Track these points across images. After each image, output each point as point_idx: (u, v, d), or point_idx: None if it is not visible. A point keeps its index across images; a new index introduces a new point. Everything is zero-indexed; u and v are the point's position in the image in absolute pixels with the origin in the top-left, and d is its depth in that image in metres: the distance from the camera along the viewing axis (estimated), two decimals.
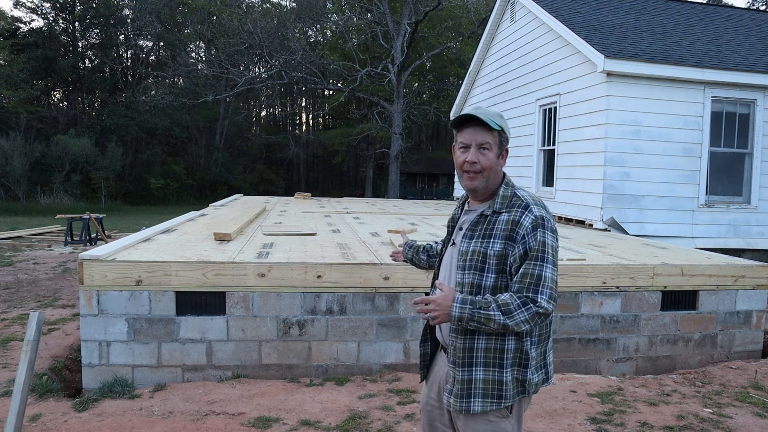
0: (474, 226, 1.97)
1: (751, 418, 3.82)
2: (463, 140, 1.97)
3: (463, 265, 1.94)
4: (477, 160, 1.93)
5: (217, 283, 4.32)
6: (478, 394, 1.90)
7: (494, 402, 1.90)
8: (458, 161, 1.99)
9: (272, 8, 37.93)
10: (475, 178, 1.95)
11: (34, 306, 6.49)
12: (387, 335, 4.56)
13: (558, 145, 9.38)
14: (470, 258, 1.92)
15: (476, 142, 1.94)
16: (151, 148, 34.95)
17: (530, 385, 1.93)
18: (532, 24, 10.40)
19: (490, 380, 1.90)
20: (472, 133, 1.95)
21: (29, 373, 3.14)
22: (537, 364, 1.95)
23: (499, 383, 1.89)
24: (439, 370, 2.14)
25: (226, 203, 11.07)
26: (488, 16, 13.11)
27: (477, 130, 1.95)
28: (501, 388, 1.89)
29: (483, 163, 1.93)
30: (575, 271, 4.80)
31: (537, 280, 1.82)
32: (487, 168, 1.94)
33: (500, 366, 1.89)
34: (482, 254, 1.90)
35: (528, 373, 1.92)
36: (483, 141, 1.94)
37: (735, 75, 8.17)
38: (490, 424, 1.93)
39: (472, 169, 1.95)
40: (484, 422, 1.93)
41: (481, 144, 1.94)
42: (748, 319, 5.23)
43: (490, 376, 1.89)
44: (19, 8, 34.13)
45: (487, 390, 1.90)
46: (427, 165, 37.28)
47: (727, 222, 8.45)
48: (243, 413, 3.71)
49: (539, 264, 1.83)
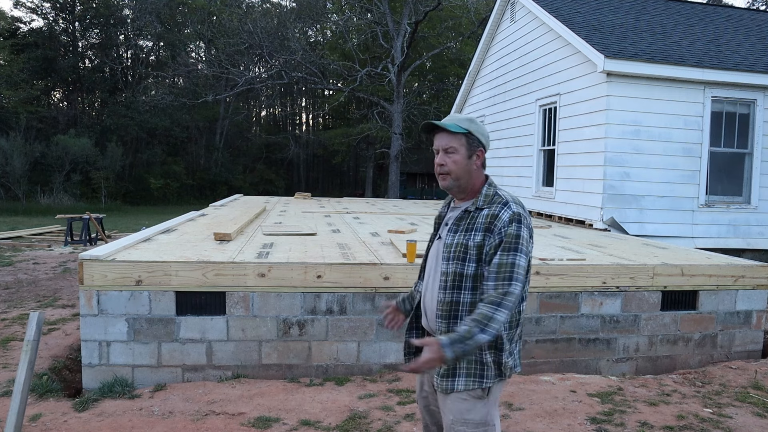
0: (458, 222, 2.15)
1: (751, 418, 3.82)
2: (434, 146, 2.18)
3: (448, 256, 2.12)
4: (444, 163, 2.14)
5: (217, 283, 4.32)
6: (461, 374, 2.08)
7: (476, 381, 2.08)
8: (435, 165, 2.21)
9: (272, 8, 37.91)
10: (445, 179, 2.16)
11: (34, 306, 6.49)
12: (387, 335, 4.56)
13: (558, 145, 9.38)
14: (454, 249, 2.11)
15: (442, 146, 2.14)
16: (151, 148, 34.93)
17: (506, 368, 2.11)
18: (532, 24, 10.40)
19: (473, 361, 2.08)
20: (438, 139, 2.16)
21: (29, 373, 3.14)
22: (509, 349, 2.12)
23: (480, 364, 2.08)
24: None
25: (226, 203, 11.07)
26: (488, 16, 13.11)
27: (441, 135, 2.15)
28: (482, 368, 2.08)
29: (449, 165, 2.13)
30: (575, 271, 4.80)
31: (510, 267, 2.00)
32: (453, 170, 2.13)
33: (480, 349, 2.05)
34: (464, 245, 2.08)
35: (503, 356, 2.10)
36: (447, 145, 2.13)
37: (735, 75, 8.16)
38: (465, 402, 2.09)
39: (440, 171, 2.16)
40: (459, 401, 2.09)
41: (446, 148, 2.13)
42: (748, 319, 5.23)
43: (472, 358, 2.07)
44: (19, 8, 34.13)
45: (470, 370, 2.08)
46: (427, 165, 37.22)
47: (727, 222, 8.44)
48: (243, 413, 3.71)
49: (512, 254, 2.01)
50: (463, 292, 2.08)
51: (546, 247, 5.79)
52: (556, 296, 4.79)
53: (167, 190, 33.58)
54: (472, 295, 2.07)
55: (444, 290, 2.11)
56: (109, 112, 33.40)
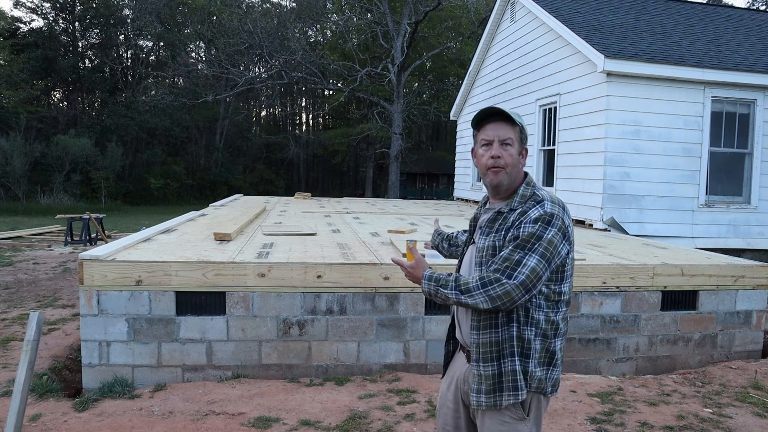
0: (491, 223, 1.96)
1: (751, 418, 3.82)
2: (485, 137, 1.94)
3: (480, 261, 1.94)
4: (501, 155, 1.91)
5: (217, 283, 4.32)
6: (505, 388, 1.88)
7: (511, 395, 1.87)
8: (482, 159, 1.96)
9: (272, 8, 37.90)
10: (499, 173, 1.92)
11: (34, 306, 6.49)
12: (387, 335, 4.56)
13: (558, 145, 9.38)
14: (485, 254, 1.92)
15: (499, 137, 1.92)
16: (151, 148, 34.93)
17: (532, 379, 1.88)
18: (532, 24, 10.40)
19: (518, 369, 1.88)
20: (494, 128, 1.93)
21: (29, 373, 3.14)
22: (541, 358, 1.90)
23: (513, 373, 1.88)
24: (457, 370, 2.13)
25: (226, 203, 11.07)
26: (488, 16, 13.11)
27: (499, 125, 1.93)
28: (516, 379, 1.87)
29: (506, 158, 1.91)
30: (575, 271, 4.79)
31: (516, 265, 1.77)
32: (510, 164, 1.92)
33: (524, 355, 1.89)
34: (493, 248, 1.90)
35: (550, 370, 1.90)
36: (505, 136, 1.92)
37: (735, 75, 8.17)
38: (505, 425, 1.90)
39: (496, 164, 1.91)
40: (499, 422, 1.90)
41: (504, 139, 1.92)
42: (748, 319, 5.23)
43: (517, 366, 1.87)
44: (19, 8, 34.13)
45: (516, 382, 1.87)
46: (427, 165, 37.28)
47: (727, 222, 8.45)
48: (243, 413, 3.71)
49: (525, 252, 1.78)
50: None
51: None
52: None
53: (167, 190, 33.58)
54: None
55: None
56: (109, 112, 33.41)
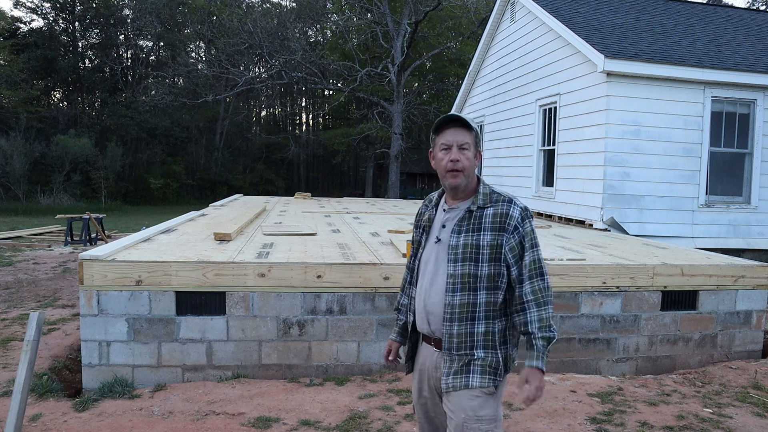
0: (461, 222, 2.11)
1: (751, 418, 3.82)
2: (445, 141, 2.11)
3: (455, 258, 2.08)
4: (459, 159, 2.08)
5: (217, 283, 4.32)
6: (476, 371, 2.07)
7: (490, 379, 2.07)
8: (441, 163, 2.13)
9: (272, 8, 37.90)
10: (458, 176, 2.09)
11: (34, 306, 6.49)
12: (387, 335, 4.55)
13: (558, 145, 9.37)
14: (462, 251, 2.08)
15: (457, 142, 2.09)
16: (151, 148, 34.93)
17: (512, 360, 2.14)
18: (532, 24, 10.40)
19: (486, 359, 2.08)
20: (452, 134, 2.10)
21: (29, 373, 3.14)
22: (515, 341, 2.16)
23: (495, 362, 2.09)
24: (425, 362, 2.23)
25: (226, 203, 11.07)
26: (488, 16, 13.10)
27: (457, 131, 2.10)
28: (496, 366, 2.08)
29: (464, 162, 2.09)
30: (575, 271, 4.80)
31: (538, 263, 2.09)
32: (467, 167, 2.10)
33: (493, 348, 2.09)
34: (475, 246, 2.06)
35: (509, 349, 2.14)
36: (463, 141, 2.10)
37: (735, 75, 8.16)
38: (478, 399, 2.06)
39: (455, 167, 2.09)
40: (472, 398, 2.06)
41: (462, 144, 2.09)
42: (748, 319, 5.23)
43: (487, 357, 2.08)
44: (19, 8, 34.18)
45: (484, 368, 2.07)
46: (427, 165, 37.21)
47: (727, 222, 8.44)
48: (243, 413, 3.71)
49: (535, 249, 2.10)
50: (479, 292, 2.06)
51: (546, 247, 5.78)
52: (556, 296, 4.78)
53: (167, 190, 33.58)
54: (487, 295, 2.06)
55: (453, 293, 2.06)
56: (109, 112, 33.41)
